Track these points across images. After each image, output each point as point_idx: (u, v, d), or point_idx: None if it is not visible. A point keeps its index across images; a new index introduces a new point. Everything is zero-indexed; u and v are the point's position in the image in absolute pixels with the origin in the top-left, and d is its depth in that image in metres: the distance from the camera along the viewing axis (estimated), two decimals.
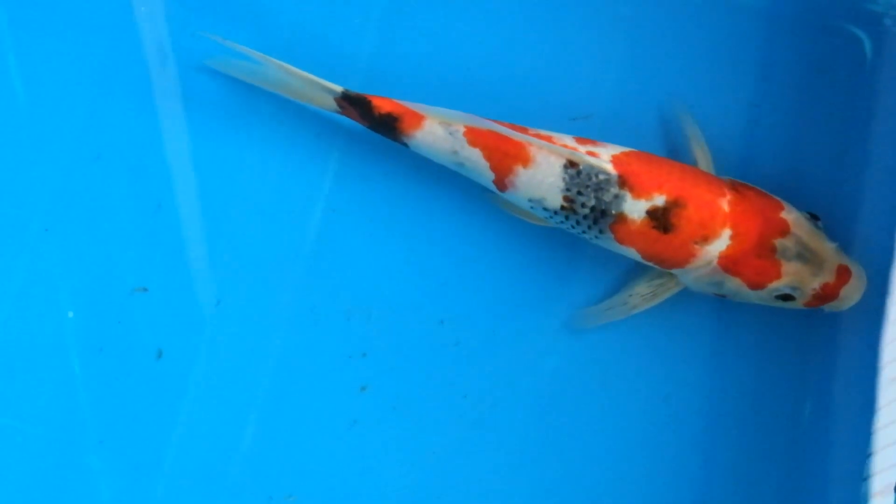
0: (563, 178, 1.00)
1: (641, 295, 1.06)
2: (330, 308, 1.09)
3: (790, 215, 1.01)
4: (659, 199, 0.98)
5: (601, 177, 0.99)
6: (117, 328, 1.06)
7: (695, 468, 1.08)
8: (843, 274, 1.01)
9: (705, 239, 0.99)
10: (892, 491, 0.93)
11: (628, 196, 0.99)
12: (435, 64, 1.12)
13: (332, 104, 1.05)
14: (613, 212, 0.99)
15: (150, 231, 1.08)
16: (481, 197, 1.07)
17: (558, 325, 1.09)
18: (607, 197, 0.99)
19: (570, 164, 1.00)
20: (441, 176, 1.07)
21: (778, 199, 1.02)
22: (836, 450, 1.03)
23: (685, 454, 1.08)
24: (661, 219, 0.99)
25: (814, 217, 1.03)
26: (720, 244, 0.99)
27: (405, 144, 1.04)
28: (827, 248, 1.01)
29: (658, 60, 1.14)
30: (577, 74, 1.13)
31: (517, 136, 1.00)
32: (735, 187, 1.01)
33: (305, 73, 1.04)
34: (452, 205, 1.10)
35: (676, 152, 1.10)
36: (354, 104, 1.03)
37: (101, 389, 1.06)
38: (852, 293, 1.02)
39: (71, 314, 1.06)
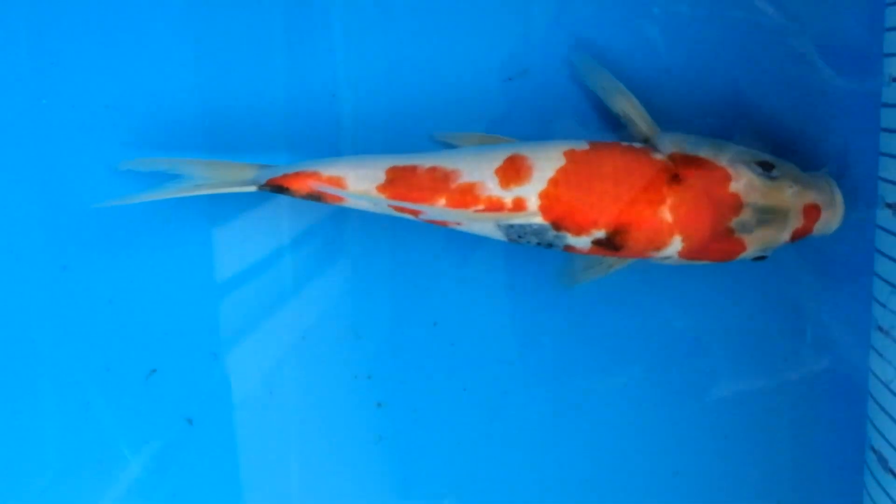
0: (501, 229, 0.97)
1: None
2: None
3: (739, 183, 0.95)
4: (599, 233, 0.94)
5: (535, 226, 0.95)
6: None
7: None
8: (812, 212, 0.97)
9: (658, 249, 0.96)
10: None
11: (568, 235, 0.95)
12: (370, 40, 1.06)
13: (258, 190, 1.02)
14: (560, 245, 0.97)
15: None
16: None
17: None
18: (548, 238, 0.96)
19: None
20: None
21: (723, 165, 0.95)
22: None
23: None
24: (608, 245, 0.96)
25: (766, 166, 0.96)
26: (674, 247, 0.96)
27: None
28: (787, 199, 0.96)
29: (581, 10, 1.05)
30: (506, 35, 1.06)
31: (435, 214, 0.96)
32: (676, 173, 0.95)
33: (222, 178, 1.02)
34: None
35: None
36: (276, 191, 1.00)
37: None
38: (828, 224, 0.98)
39: None
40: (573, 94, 1.04)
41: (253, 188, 1.00)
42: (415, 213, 0.97)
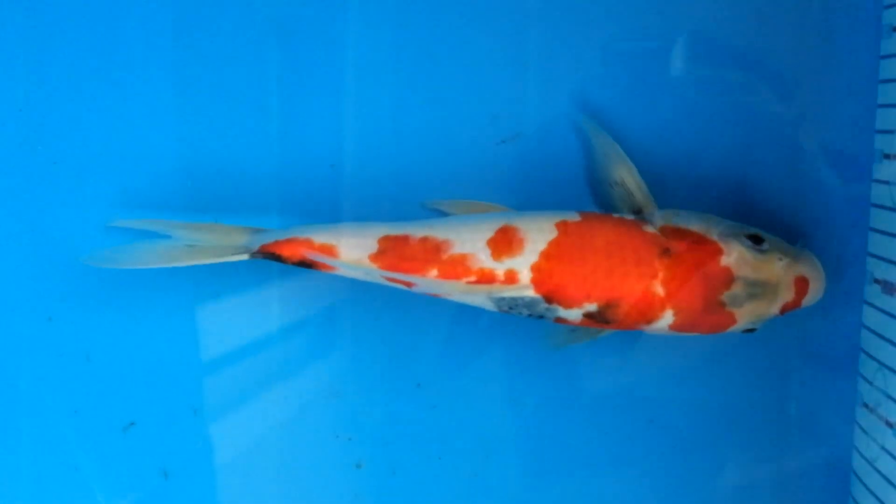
0: (491, 301, 0.97)
1: None
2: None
3: (730, 257, 0.95)
4: (591, 307, 0.94)
5: (527, 298, 0.95)
6: None
7: None
8: (801, 286, 0.97)
9: (649, 322, 0.96)
10: None
11: (559, 308, 0.95)
12: (363, 103, 1.06)
13: (250, 258, 1.01)
14: (551, 317, 0.96)
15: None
16: None
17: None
18: (539, 310, 0.96)
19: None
20: None
21: (714, 239, 0.95)
22: None
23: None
24: (599, 318, 0.95)
25: (756, 240, 0.96)
26: (666, 321, 0.96)
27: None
28: (777, 272, 0.96)
29: (573, 75, 1.05)
30: (499, 98, 1.05)
31: (427, 287, 0.96)
32: (667, 248, 0.94)
33: (213, 242, 1.01)
34: None
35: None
36: (268, 258, 0.99)
37: None
38: (815, 296, 0.98)
39: None
40: (565, 157, 1.04)
41: (245, 256, 0.99)
42: (407, 284, 0.96)
